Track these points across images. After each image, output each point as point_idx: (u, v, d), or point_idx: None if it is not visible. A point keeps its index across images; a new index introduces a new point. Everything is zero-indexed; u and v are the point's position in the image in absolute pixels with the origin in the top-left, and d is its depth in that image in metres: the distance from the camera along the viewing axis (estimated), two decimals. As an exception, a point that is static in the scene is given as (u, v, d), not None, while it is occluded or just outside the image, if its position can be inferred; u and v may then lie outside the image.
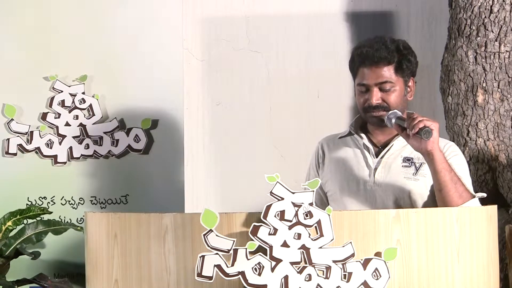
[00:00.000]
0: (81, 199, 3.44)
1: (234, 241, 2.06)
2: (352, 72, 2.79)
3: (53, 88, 3.45)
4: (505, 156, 3.43)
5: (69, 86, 3.45)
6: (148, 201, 3.44)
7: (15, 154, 3.41)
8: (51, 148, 3.43)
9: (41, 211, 3.21)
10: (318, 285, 2.06)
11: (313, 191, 2.07)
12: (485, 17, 3.44)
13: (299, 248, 2.06)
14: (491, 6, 3.43)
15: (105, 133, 3.46)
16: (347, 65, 2.83)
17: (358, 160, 2.79)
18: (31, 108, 3.43)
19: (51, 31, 3.45)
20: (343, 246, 2.08)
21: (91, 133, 3.45)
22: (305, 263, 2.06)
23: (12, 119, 3.41)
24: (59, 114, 3.44)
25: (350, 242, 2.08)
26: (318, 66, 4.05)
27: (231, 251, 2.05)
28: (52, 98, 3.44)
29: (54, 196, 3.43)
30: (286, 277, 2.06)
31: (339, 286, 2.07)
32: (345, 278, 2.07)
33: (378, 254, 2.11)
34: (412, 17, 4.08)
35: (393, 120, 2.64)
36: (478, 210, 2.36)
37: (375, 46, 2.70)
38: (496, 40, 3.42)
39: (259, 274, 2.05)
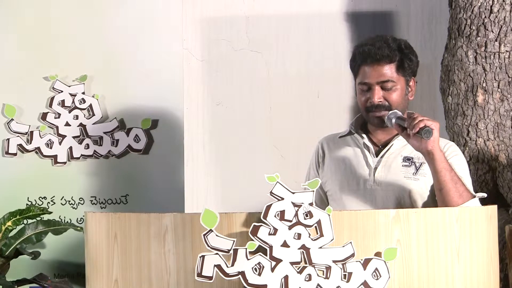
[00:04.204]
0: (81, 199, 3.44)
1: (234, 241, 2.06)
2: (353, 71, 2.79)
3: (53, 88, 3.45)
4: (505, 156, 3.43)
5: (69, 86, 3.45)
6: (148, 201, 3.44)
7: (15, 154, 3.41)
8: (51, 148, 3.43)
9: (41, 211, 3.21)
10: (318, 285, 2.06)
11: (313, 191, 2.07)
12: (485, 17, 3.44)
13: (299, 248, 2.06)
14: (491, 6, 3.43)
15: (105, 133, 3.46)
16: (347, 65, 2.83)
17: (358, 159, 2.79)
18: (31, 108, 3.44)
19: (51, 31, 3.45)
20: (343, 246, 2.08)
21: (91, 133, 3.46)
22: (305, 263, 2.06)
23: (12, 119, 3.41)
24: (59, 114, 3.44)
25: (350, 242, 2.08)
26: (318, 66, 4.05)
27: (231, 251, 2.05)
28: (52, 98, 3.45)
29: (54, 196, 3.43)
30: (286, 277, 2.06)
31: (339, 286, 2.07)
32: (345, 278, 2.07)
33: (378, 254, 2.11)
34: (412, 17, 4.08)
35: (394, 120, 2.64)
36: (478, 210, 2.36)
37: (377, 44, 2.70)
38: (496, 40, 3.42)
39: (259, 274, 2.05)
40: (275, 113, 4.04)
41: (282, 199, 2.06)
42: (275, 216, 2.05)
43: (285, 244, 2.05)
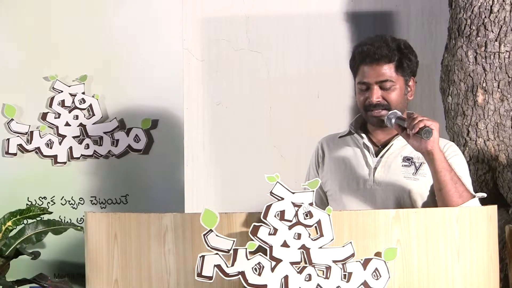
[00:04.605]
0: (81, 199, 3.44)
1: (234, 241, 2.06)
2: (353, 71, 2.79)
3: (53, 88, 3.45)
4: (505, 156, 3.43)
5: (69, 86, 3.45)
6: (148, 201, 3.44)
7: (15, 154, 3.41)
8: (51, 148, 3.43)
9: (41, 211, 3.21)
10: (318, 285, 2.06)
11: (313, 191, 2.07)
12: (485, 17, 3.44)
13: (299, 248, 2.06)
14: (491, 6, 3.43)
15: (105, 133, 3.46)
16: (347, 65, 2.83)
17: (358, 159, 2.79)
18: (31, 108, 3.44)
19: (51, 31, 3.45)
20: (343, 246, 2.08)
21: (91, 133, 3.46)
22: (305, 263, 2.06)
23: (12, 119, 3.41)
24: (59, 114, 3.44)
25: (350, 242, 2.08)
26: (318, 66, 4.05)
27: (231, 251, 2.05)
28: (52, 98, 3.45)
29: (54, 196, 3.43)
30: (286, 277, 2.06)
31: (339, 286, 2.07)
32: (345, 278, 2.07)
33: (378, 254, 2.11)
34: (412, 17, 4.08)
35: (393, 120, 2.64)
36: (478, 210, 2.36)
37: (376, 44, 2.70)
38: (496, 40, 3.43)
39: (259, 274, 2.05)
40: (275, 113, 4.04)
41: (282, 199, 2.06)
42: (275, 216, 2.05)
43: (285, 244, 2.05)
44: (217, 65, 4.04)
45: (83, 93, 3.46)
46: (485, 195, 2.68)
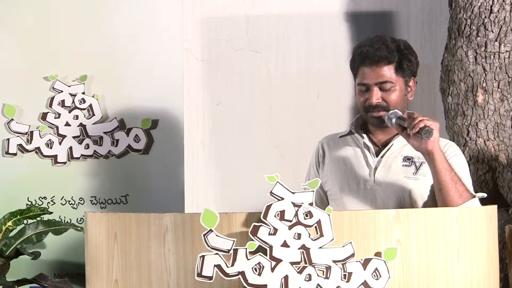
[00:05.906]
0: (81, 199, 3.44)
1: (234, 241, 2.06)
2: (353, 72, 2.79)
3: (53, 88, 3.45)
4: (505, 156, 3.43)
5: (69, 86, 3.45)
6: (148, 201, 3.44)
7: (15, 154, 3.41)
8: (51, 148, 3.43)
9: (41, 211, 3.20)
10: (318, 285, 2.06)
11: (313, 191, 2.07)
12: (485, 17, 3.44)
13: (299, 248, 2.06)
14: (491, 6, 3.43)
15: (105, 133, 3.46)
16: (347, 65, 2.83)
17: (358, 159, 2.79)
18: (31, 108, 3.44)
19: (51, 31, 3.45)
20: (343, 246, 2.08)
21: (91, 133, 3.46)
22: (305, 263, 2.06)
23: (12, 119, 3.41)
24: (59, 114, 3.44)
25: (350, 242, 2.08)
26: (318, 66, 4.05)
27: (231, 251, 2.05)
28: (52, 98, 3.44)
29: (54, 196, 3.43)
30: (286, 277, 2.06)
31: (339, 286, 2.07)
32: (345, 278, 2.07)
33: (378, 254, 2.11)
34: (412, 17, 4.08)
35: (394, 120, 2.64)
36: (478, 210, 2.36)
37: (375, 46, 2.70)
38: (496, 40, 3.43)
39: (259, 274, 2.05)
40: (275, 113, 4.04)
41: (282, 199, 2.06)
42: (275, 216, 2.05)
43: (285, 244, 2.05)
44: (217, 65, 4.04)
45: (83, 93, 3.46)
46: (485, 195, 2.68)
